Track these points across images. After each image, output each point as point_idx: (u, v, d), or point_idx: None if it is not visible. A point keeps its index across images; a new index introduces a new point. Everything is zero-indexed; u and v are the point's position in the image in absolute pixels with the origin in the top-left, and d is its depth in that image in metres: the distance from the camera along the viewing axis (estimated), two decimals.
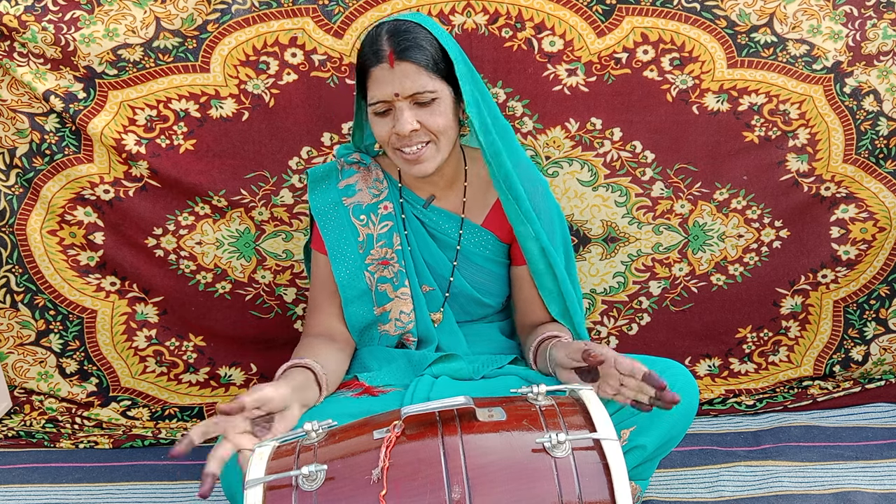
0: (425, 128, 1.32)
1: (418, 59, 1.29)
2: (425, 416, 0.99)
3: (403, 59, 1.29)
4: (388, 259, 1.46)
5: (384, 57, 1.29)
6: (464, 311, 1.53)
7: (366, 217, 1.47)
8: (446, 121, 1.33)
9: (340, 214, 1.47)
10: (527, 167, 1.46)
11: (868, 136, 1.77)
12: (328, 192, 1.48)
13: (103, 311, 1.85)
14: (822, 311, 1.91)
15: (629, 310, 1.91)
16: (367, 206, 1.47)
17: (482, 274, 1.51)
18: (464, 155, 1.51)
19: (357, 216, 1.47)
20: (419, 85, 1.29)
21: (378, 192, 1.48)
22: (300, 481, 0.96)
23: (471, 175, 1.50)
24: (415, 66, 1.29)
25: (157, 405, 1.91)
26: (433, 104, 1.32)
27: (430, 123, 1.32)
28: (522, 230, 1.42)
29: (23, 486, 1.67)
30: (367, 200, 1.48)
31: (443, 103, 1.33)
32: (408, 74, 1.29)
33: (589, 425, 0.99)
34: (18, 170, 1.74)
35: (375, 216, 1.47)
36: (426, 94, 1.30)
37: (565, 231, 1.52)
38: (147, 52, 1.67)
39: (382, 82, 1.30)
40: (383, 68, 1.30)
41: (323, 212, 1.47)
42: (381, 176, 1.50)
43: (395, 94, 1.30)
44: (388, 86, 1.30)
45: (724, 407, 1.88)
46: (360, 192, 1.48)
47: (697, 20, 1.69)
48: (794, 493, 1.54)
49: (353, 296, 1.46)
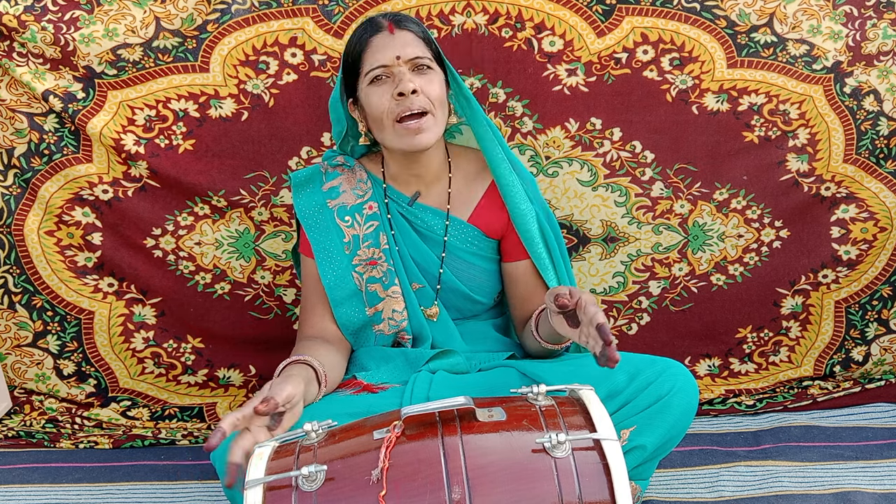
0: (424, 94, 1.35)
1: (415, 30, 1.39)
2: (425, 416, 0.99)
3: (402, 27, 1.38)
4: (375, 259, 1.47)
5: (383, 26, 1.38)
6: (455, 308, 1.54)
7: (351, 218, 1.48)
8: (441, 91, 1.39)
9: (325, 217, 1.48)
10: (514, 160, 1.50)
11: (868, 136, 1.77)
12: (312, 196, 1.49)
13: (101, 313, 1.84)
14: (823, 312, 1.91)
15: (629, 310, 1.90)
16: (351, 207, 1.48)
17: (471, 270, 1.51)
18: (447, 151, 1.52)
19: (342, 217, 1.48)
20: (419, 50, 1.36)
21: (362, 193, 1.49)
22: (300, 482, 0.96)
23: (455, 170, 1.51)
24: (412, 35, 1.38)
25: (157, 405, 1.91)
26: (430, 74, 1.38)
27: (429, 90, 1.36)
28: (524, 207, 1.45)
29: (23, 486, 1.67)
30: (351, 201, 1.48)
31: (437, 76, 1.39)
32: (407, 41, 1.36)
33: (589, 425, 0.99)
34: (16, 170, 1.74)
35: (361, 217, 1.48)
36: (425, 59, 1.37)
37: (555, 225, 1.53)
38: (147, 52, 1.67)
39: (383, 47, 1.36)
40: (383, 36, 1.36)
41: (308, 215, 1.48)
42: (365, 177, 1.50)
43: (397, 56, 1.35)
44: (389, 50, 1.35)
45: (724, 407, 1.88)
46: (344, 194, 1.49)
47: (697, 20, 1.69)
48: (794, 493, 1.54)
49: (342, 297, 1.47)
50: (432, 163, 1.47)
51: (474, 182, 1.51)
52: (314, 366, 1.30)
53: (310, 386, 1.26)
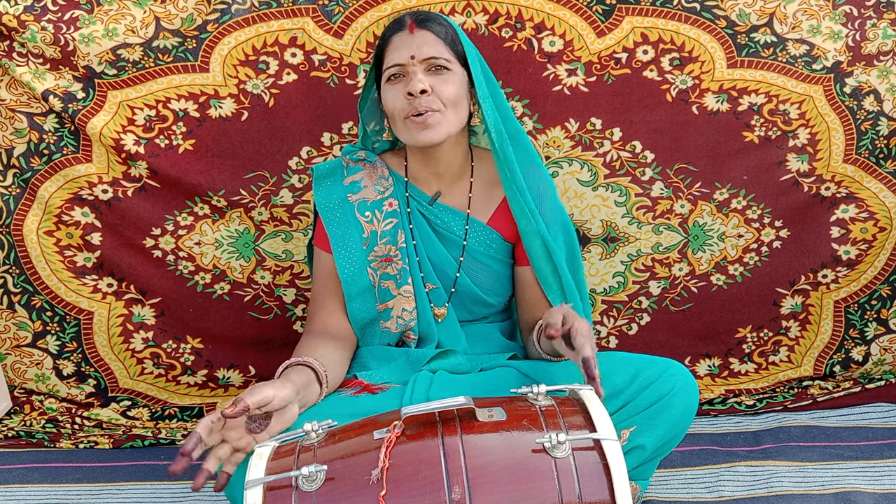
0: (436, 94, 1.36)
1: (436, 30, 1.38)
2: (425, 416, 0.99)
3: (423, 27, 1.38)
4: (391, 256, 1.47)
5: (405, 24, 1.39)
6: (466, 310, 1.53)
7: (370, 214, 1.47)
8: (457, 92, 1.38)
9: (346, 211, 1.48)
10: (537, 167, 1.48)
11: (868, 136, 1.77)
12: (334, 189, 1.49)
13: (100, 313, 1.84)
14: (822, 312, 1.91)
15: (629, 310, 1.90)
16: (372, 203, 1.48)
17: (486, 272, 1.51)
18: (471, 153, 1.52)
19: (362, 213, 1.48)
20: (435, 51, 1.37)
21: (383, 189, 1.49)
22: (300, 482, 0.96)
23: (477, 172, 1.51)
24: (433, 35, 1.38)
25: (157, 405, 1.91)
26: (446, 74, 1.38)
27: (442, 90, 1.36)
28: (526, 225, 1.44)
29: (23, 486, 1.67)
30: (372, 197, 1.48)
31: (455, 77, 1.38)
32: (426, 41, 1.37)
33: (589, 425, 0.99)
34: (16, 170, 1.74)
35: (380, 213, 1.48)
36: (441, 59, 1.37)
37: (570, 235, 1.52)
38: (146, 51, 1.67)
39: (401, 46, 1.37)
40: (403, 35, 1.38)
41: (328, 208, 1.48)
42: (387, 173, 1.50)
43: (412, 56, 1.36)
44: (405, 49, 1.37)
45: (724, 407, 1.88)
46: (365, 189, 1.49)
47: (697, 20, 1.69)
48: (794, 493, 1.54)
49: (356, 292, 1.47)
50: (452, 162, 1.47)
51: (495, 185, 1.50)
52: (314, 367, 1.29)
53: (309, 388, 1.26)
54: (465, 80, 1.41)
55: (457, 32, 1.41)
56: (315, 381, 1.29)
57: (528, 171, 1.45)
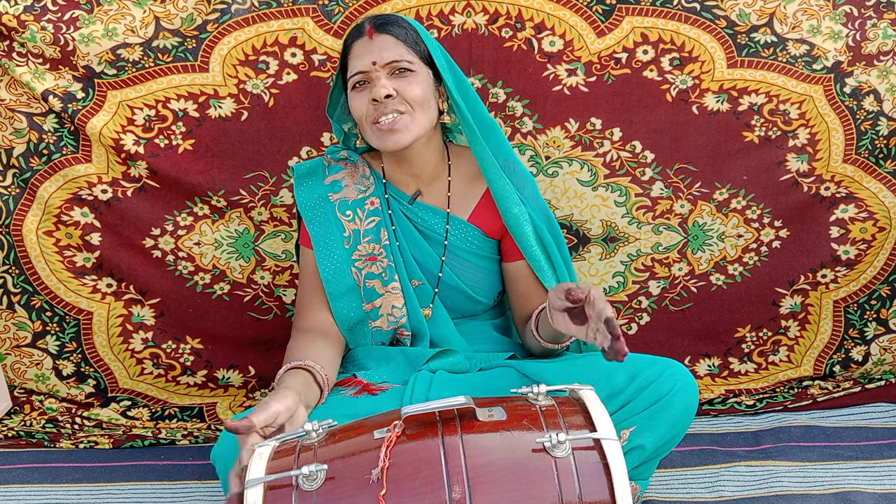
0: (401, 96, 1.35)
1: (396, 33, 1.38)
2: (425, 415, 0.99)
3: (382, 31, 1.37)
4: (375, 255, 1.47)
5: (364, 31, 1.39)
6: (455, 308, 1.53)
7: (352, 213, 1.48)
8: (423, 92, 1.37)
9: (326, 210, 1.48)
10: (513, 162, 1.49)
11: (868, 136, 1.77)
12: (314, 188, 1.49)
13: (99, 314, 1.84)
14: (821, 311, 1.91)
15: (629, 309, 1.90)
16: (353, 202, 1.48)
17: (471, 269, 1.51)
18: (447, 151, 1.52)
19: (343, 212, 1.48)
20: (396, 54, 1.36)
21: (365, 188, 1.49)
22: (300, 481, 0.96)
23: (455, 170, 1.51)
24: (393, 38, 1.37)
25: (157, 405, 1.91)
26: (410, 76, 1.37)
27: (407, 92, 1.36)
28: (513, 208, 1.44)
29: (23, 486, 1.67)
30: (353, 196, 1.48)
31: (419, 77, 1.38)
32: (386, 45, 1.36)
33: (589, 425, 0.99)
34: (15, 170, 1.74)
35: (362, 212, 1.48)
36: (403, 62, 1.36)
37: (554, 227, 1.53)
38: (146, 51, 1.67)
39: (362, 53, 1.37)
40: (363, 41, 1.38)
41: (309, 207, 1.48)
42: (368, 172, 1.51)
43: (373, 62, 1.36)
44: (366, 55, 1.36)
45: (724, 407, 1.88)
46: (346, 188, 1.49)
47: (697, 20, 1.69)
48: (794, 493, 1.54)
49: (339, 292, 1.47)
50: (427, 162, 1.47)
51: (474, 182, 1.51)
52: (312, 370, 1.30)
53: (309, 391, 1.26)
54: (431, 79, 1.40)
55: (418, 32, 1.40)
56: (313, 383, 1.29)
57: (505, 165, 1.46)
